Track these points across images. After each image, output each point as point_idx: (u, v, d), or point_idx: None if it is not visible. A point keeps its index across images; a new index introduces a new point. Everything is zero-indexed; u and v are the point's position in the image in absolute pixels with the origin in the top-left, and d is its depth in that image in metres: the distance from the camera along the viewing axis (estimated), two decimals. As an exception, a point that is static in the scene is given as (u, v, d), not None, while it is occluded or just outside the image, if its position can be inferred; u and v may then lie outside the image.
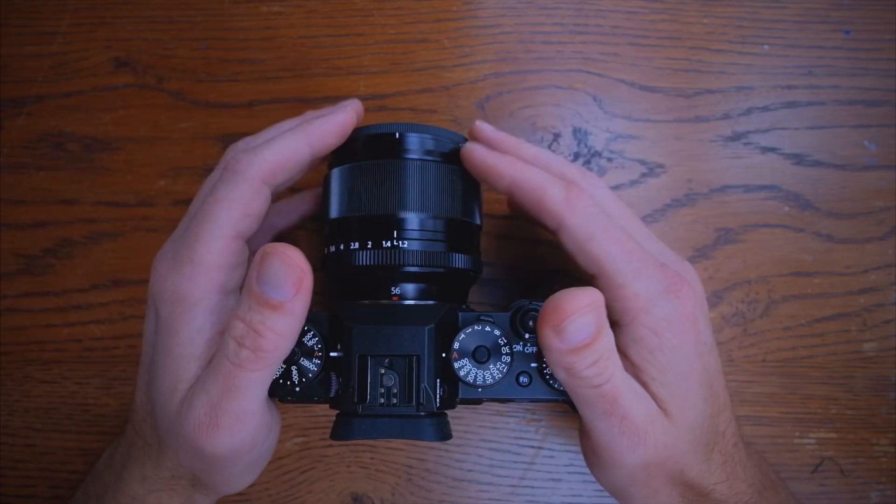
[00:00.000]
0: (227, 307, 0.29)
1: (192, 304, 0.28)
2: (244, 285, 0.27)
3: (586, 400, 0.27)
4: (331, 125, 0.31)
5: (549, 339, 0.25)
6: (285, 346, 0.27)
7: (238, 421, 0.27)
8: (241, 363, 0.26)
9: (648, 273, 0.29)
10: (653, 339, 0.28)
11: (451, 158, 0.32)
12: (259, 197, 0.30)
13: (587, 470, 0.39)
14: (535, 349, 0.30)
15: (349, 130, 0.32)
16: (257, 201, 0.30)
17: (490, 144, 0.32)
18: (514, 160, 0.30)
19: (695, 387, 0.29)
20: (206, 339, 0.28)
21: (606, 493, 0.39)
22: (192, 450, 0.28)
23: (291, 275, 0.25)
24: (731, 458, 0.31)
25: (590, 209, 0.29)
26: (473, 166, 0.31)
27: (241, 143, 0.33)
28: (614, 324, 0.29)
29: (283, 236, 0.39)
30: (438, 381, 0.28)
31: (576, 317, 0.25)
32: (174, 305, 0.28)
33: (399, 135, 0.31)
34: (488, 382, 0.29)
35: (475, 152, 0.31)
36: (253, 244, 0.35)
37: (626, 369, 0.29)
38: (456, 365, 0.28)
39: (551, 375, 0.29)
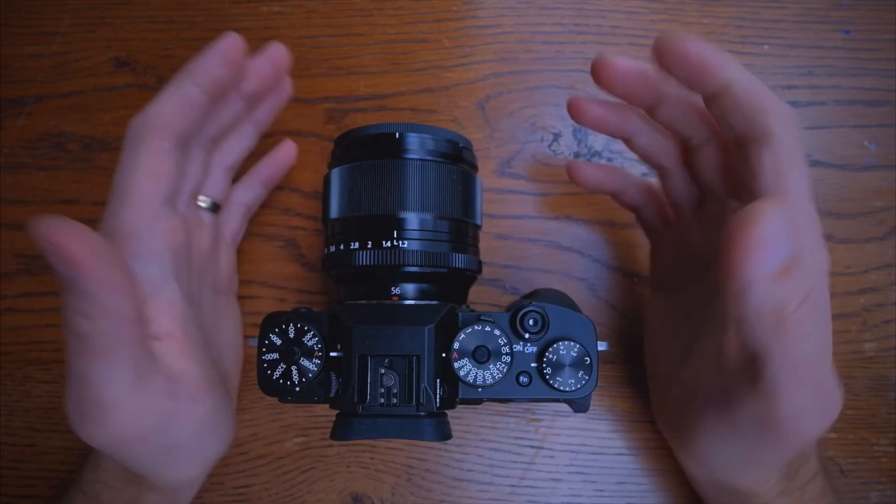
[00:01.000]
0: (147, 277, 0.28)
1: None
2: None
3: (793, 362, 0.23)
4: (213, 57, 0.30)
5: (747, 262, 0.21)
6: (105, 329, 0.24)
7: (98, 410, 0.26)
8: (74, 350, 0.25)
9: (816, 225, 0.28)
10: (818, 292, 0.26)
11: (452, 158, 0.32)
12: (159, 154, 0.29)
13: (587, 470, 0.39)
14: (535, 349, 0.30)
15: (237, 57, 0.30)
16: (159, 161, 0.29)
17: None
18: (725, 53, 0.27)
19: (829, 333, 0.27)
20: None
21: (606, 493, 0.39)
22: (87, 443, 0.27)
23: (60, 254, 0.23)
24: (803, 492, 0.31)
25: (801, 141, 0.26)
26: (673, 55, 0.27)
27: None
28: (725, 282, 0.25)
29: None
30: (438, 381, 0.28)
31: (770, 215, 0.21)
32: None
33: (399, 135, 0.31)
34: (488, 382, 0.29)
35: (676, 40, 0.26)
36: (223, 225, 0.37)
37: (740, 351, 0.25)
38: (456, 365, 0.28)
39: (551, 375, 0.29)
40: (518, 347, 0.30)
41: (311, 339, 0.29)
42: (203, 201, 0.34)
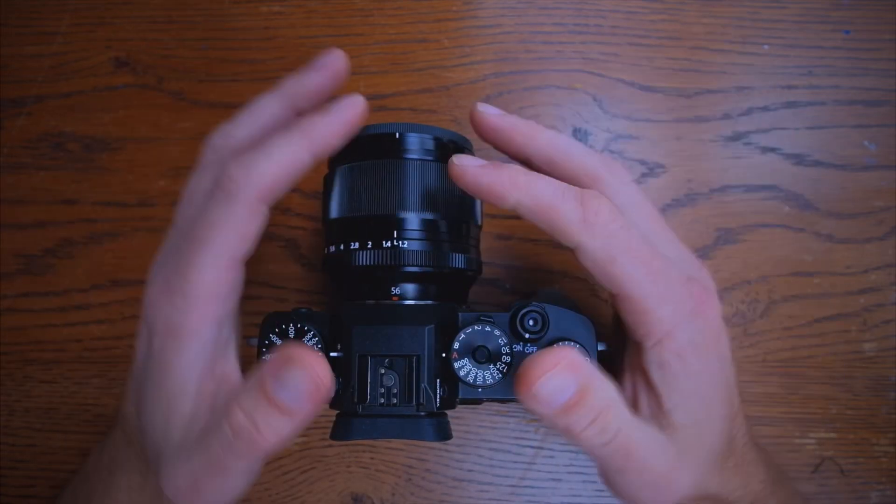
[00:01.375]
0: (221, 339, 0.27)
1: (183, 338, 0.26)
2: (252, 374, 0.24)
3: (598, 458, 0.26)
4: (336, 127, 0.28)
5: (528, 404, 0.23)
6: (284, 444, 0.24)
7: (218, 494, 0.26)
8: (233, 451, 0.24)
9: (674, 295, 0.26)
10: (677, 365, 0.27)
11: (451, 158, 0.32)
12: (256, 218, 0.26)
13: (587, 470, 0.39)
14: (535, 349, 0.30)
15: (358, 125, 0.28)
16: (255, 223, 0.26)
17: (496, 135, 0.29)
18: (516, 173, 0.26)
19: (717, 407, 0.28)
20: (198, 375, 0.27)
21: (606, 493, 0.39)
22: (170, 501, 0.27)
23: (312, 387, 0.23)
24: (743, 459, 0.30)
25: (610, 226, 0.26)
26: (467, 186, 0.26)
27: (218, 139, 0.29)
28: (636, 344, 0.28)
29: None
30: (438, 381, 0.28)
31: (545, 380, 0.23)
32: (165, 337, 0.26)
33: (399, 135, 0.31)
34: (488, 382, 0.29)
35: (467, 170, 0.26)
36: None
37: (646, 394, 0.28)
38: (456, 365, 0.28)
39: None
40: (518, 347, 0.30)
41: (311, 339, 0.29)
42: None
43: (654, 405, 0.28)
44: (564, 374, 0.23)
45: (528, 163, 0.30)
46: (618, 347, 0.33)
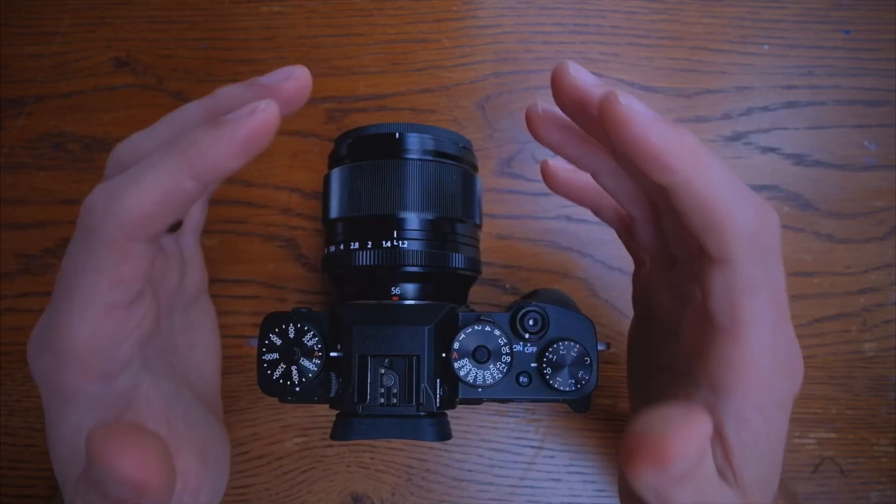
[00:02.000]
0: (119, 390, 0.24)
1: (66, 400, 0.23)
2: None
3: None
4: (226, 146, 0.20)
5: (646, 474, 0.19)
6: None
7: None
8: None
9: (784, 348, 0.23)
10: (759, 423, 0.23)
11: (452, 158, 0.32)
12: (127, 258, 0.21)
13: (587, 470, 0.39)
14: (535, 349, 0.30)
15: (264, 144, 0.21)
16: (127, 265, 0.22)
17: (577, 99, 0.22)
18: (695, 143, 0.20)
19: (777, 469, 0.25)
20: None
21: (606, 493, 0.39)
22: None
23: (126, 483, 0.19)
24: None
25: (772, 252, 0.23)
26: (626, 136, 0.20)
27: (123, 151, 0.24)
28: (712, 389, 0.23)
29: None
30: (438, 381, 0.28)
31: (684, 448, 0.18)
32: (49, 398, 0.24)
33: (399, 135, 0.31)
34: (488, 382, 0.29)
35: (637, 116, 0.20)
36: (184, 231, 0.32)
37: (714, 448, 0.24)
38: (456, 365, 0.28)
39: (551, 375, 0.29)
40: (518, 347, 0.30)
41: (311, 339, 0.29)
42: None
43: (721, 460, 0.24)
44: (699, 445, 0.19)
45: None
46: (633, 369, 0.32)
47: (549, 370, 0.29)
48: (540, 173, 0.30)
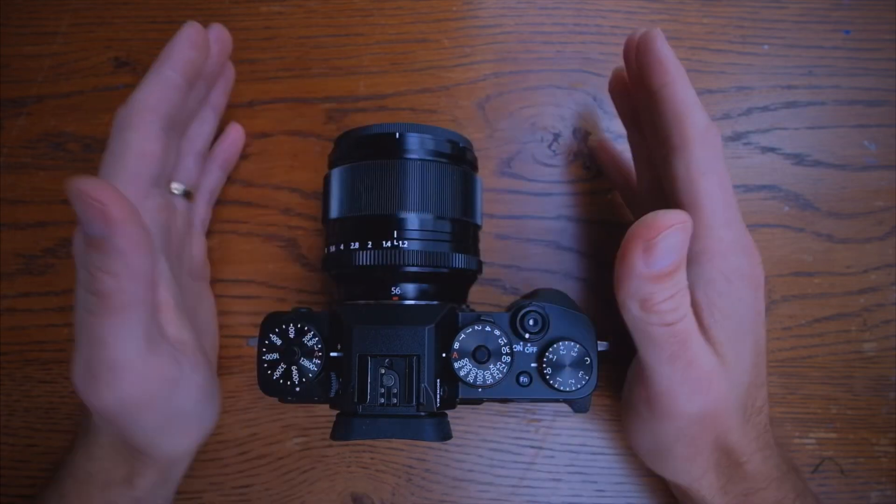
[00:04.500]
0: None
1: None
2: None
3: (655, 339, 0.27)
4: (179, 43, 0.32)
5: (636, 259, 0.24)
6: (127, 287, 0.25)
7: (111, 372, 0.26)
8: (91, 310, 0.25)
9: (736, 226, 0.30)
10: (724, 285, 0.29)
11: (451, 158, 0.32)
12: (146, 137, 0.31)
13: (587, 470, 0.39)
14: (535, 349, 0.30)
15: (200, 41, 0.33)
16: (146, 142, 0.31)
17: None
18: (682, 69, 0.30)
19: (750, 344, 0.29)
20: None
21: (606, 493, 0.39)
22: (90, 408, 0.28)
23: (95, 210, 0.24)
24: (763, 435, 0.31)
25: (717, 149, 0.30)
26: (647, 46, 0.30)
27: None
28: (688, 261, 0.28)
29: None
30: (438, 381, 0.28)
31: (669, 232, 0.24)
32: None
33: (399, 135, 0.31)
34: (488, 382, 0.29)
35: (658, 37, 0.30)
36: (193, 213, 0.38)
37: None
38: (456, 365, 0.28)
39: (551, 375, 0.29)
40: (518, 347, 0.30)
41: (311, 339, 0.29)
42: (176, 188, 0.36)
43: (694, 316, 0.28)
44: (682, 234, 0.24)
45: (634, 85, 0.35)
46: None
47: (549, 370, 0.29)
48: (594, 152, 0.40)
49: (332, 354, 0.29)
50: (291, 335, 0.29)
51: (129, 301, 0.26)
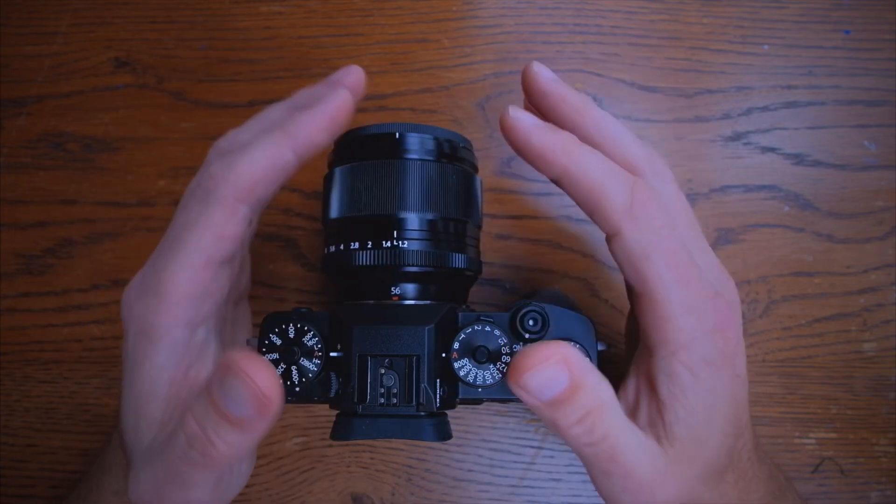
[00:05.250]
0: (196, 342, 0.27)
1: (154, 340, 0.26)
2: (206, 385, 0.23)
3: (584, 457, 0.25)
4: (318, 122, 0.26)
5: (517, 393, 0.23)
6: (239, 456, 0.24)
7: None
8: (189, 461, 0.24)
9: (699, 308, 0.26)
10: (688, 379, 0.26)
11: (452, 158, 0.32)
12: (234, 218, 0.26)
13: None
14: (535, 349, 0.30)
15: (343, 122, 0.27)
16: (233, 223, 0.26)
17: (544, 100, 0.28)
18: (570, 142, 0.26)
19: (721, 425, 0.27)
20: (168, 378, 0.26)
21: (606, 493, 0.39)
22: None
23: (254, 398, 0.22)
24: (745, 475, 0.29)
25: (655, 222, 0.25)
26: (516, 142, 0.26)
27: (223, 143, 0.28)
28: (648, 348, 0.27)
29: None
30: (438, 381, 0.28)
31: (536, 370, 0.23)
32: (138, 338, 0.26)
33: (399, 135, 0.31)
34: (488, 382, 0.29)
35: (520, 125, 0.26)
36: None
37: (648, 400, 0.27)
38: (456, 365, 0.28)
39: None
40: (518, 348, 0.30)
41: (311, 339, 0.29)
42: None
43: (654, 413, 0.27)
44: (556, 368, 0.23)
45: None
46: (628, 347, 0.33)
47: (549, 370, 0.29)
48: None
49: (332, 354, 0.29)
50: (291, 335, 0.29)
51: (232, 464, 0.25)
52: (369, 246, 0.30)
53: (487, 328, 0.29)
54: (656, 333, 0.26)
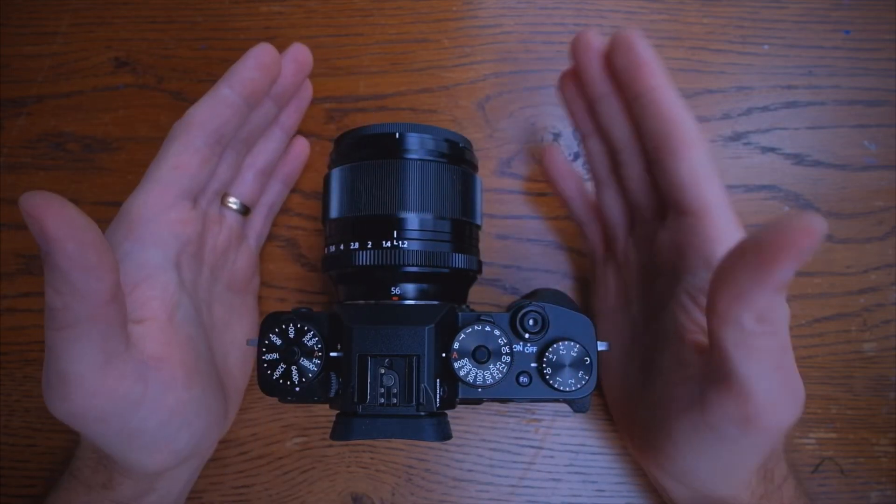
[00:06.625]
0: (144, 259, 0.30)
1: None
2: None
3: (764, 351, 0.24)
4: (245, 61, 0.33)
5: (775, 269, 0.22)
6: (72, 304, 0.24)
7: (62, 384, 0.25)
8: (46, 321, 0.25)
9: (740, 232, 0.30)
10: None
11: (452, 158, 0.32)
12: (187, 150, 0.31)
13: (587, 470, 0.39)
14: (534, 349, 0.30)
15: (267, 62, 0.33)
16: (185, 154, 0.31)
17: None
18: (660, 66, 0.30)
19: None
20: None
21: (606, 493, 0.39)
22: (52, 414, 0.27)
23: (34, 225, 0.24)
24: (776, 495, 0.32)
25: (710, 152, 0.30)
26: (630, 50, 0.30)
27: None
28: (694, 269, 0.29)
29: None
30: (438, 381, 0.28)
31: (817, 238, 0.21)
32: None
33: (399, 135, 0.31)
34: (488, 382, 0.29)
35: (641, 37, 0.30)
36: (248, 227, 0.38)
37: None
38: (456, 365, 0.28)
39: (551, 375, 0.29)
40: (518, 347, 0.30)
41: (311, 339, 0.29)
42: (233, 203, 0.36)
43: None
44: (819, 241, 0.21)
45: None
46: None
47: (549, 370, 0.29)
48: (542, 156, 0.38)
49: (332, 354, 0.29)
50: (291, 335, 0.29)
51: (76, 319, 0.24)
52: (369, 246, 0.30)
53: (487, 328, 0.29)
54: (706, 247, 0.29)
